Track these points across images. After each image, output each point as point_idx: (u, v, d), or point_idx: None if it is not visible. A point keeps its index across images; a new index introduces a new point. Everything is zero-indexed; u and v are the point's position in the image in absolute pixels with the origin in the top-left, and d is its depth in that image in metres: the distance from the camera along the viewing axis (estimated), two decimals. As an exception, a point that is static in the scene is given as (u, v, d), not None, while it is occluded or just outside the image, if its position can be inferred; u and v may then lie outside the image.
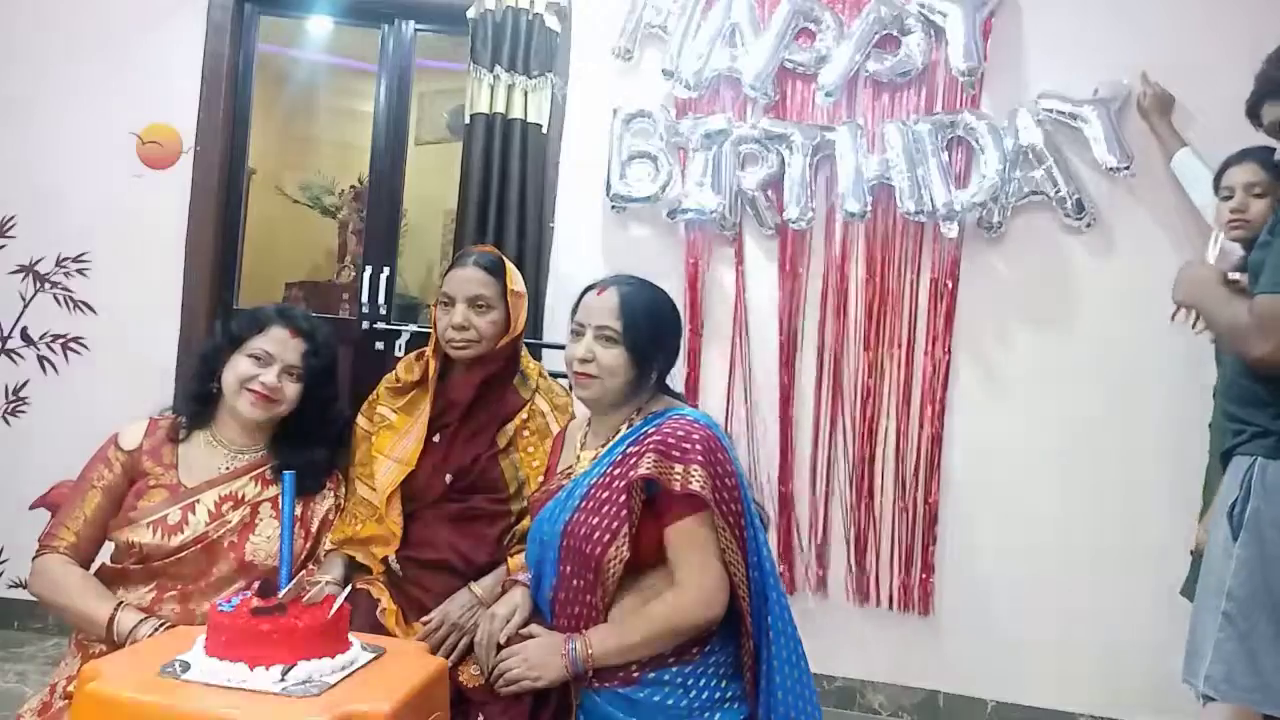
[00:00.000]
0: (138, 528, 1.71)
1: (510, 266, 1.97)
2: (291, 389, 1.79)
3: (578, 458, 1.74)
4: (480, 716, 1.68)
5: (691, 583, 1.56)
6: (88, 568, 1.76)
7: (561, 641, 1.59)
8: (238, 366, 1.78)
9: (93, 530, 1.75)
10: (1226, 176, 2.42)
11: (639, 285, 1.73)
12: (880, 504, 2.94)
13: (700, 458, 1.55)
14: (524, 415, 1.93)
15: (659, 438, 1.59)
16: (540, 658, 1.60)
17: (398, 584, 1.86)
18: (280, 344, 1.79)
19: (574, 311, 1.73)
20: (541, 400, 1.97)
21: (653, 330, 1.67)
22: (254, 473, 1.80)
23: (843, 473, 2.96)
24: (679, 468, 1.55)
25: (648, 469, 1.56)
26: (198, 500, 1.74)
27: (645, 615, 1.57)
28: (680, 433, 1.59)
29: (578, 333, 1.70)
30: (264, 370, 1.77)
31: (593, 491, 1.62)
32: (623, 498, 1.58)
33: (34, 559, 1.74)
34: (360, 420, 1.99)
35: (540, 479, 1.85)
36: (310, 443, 1.84)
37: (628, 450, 1.62)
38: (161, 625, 1.64)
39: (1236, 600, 1.79)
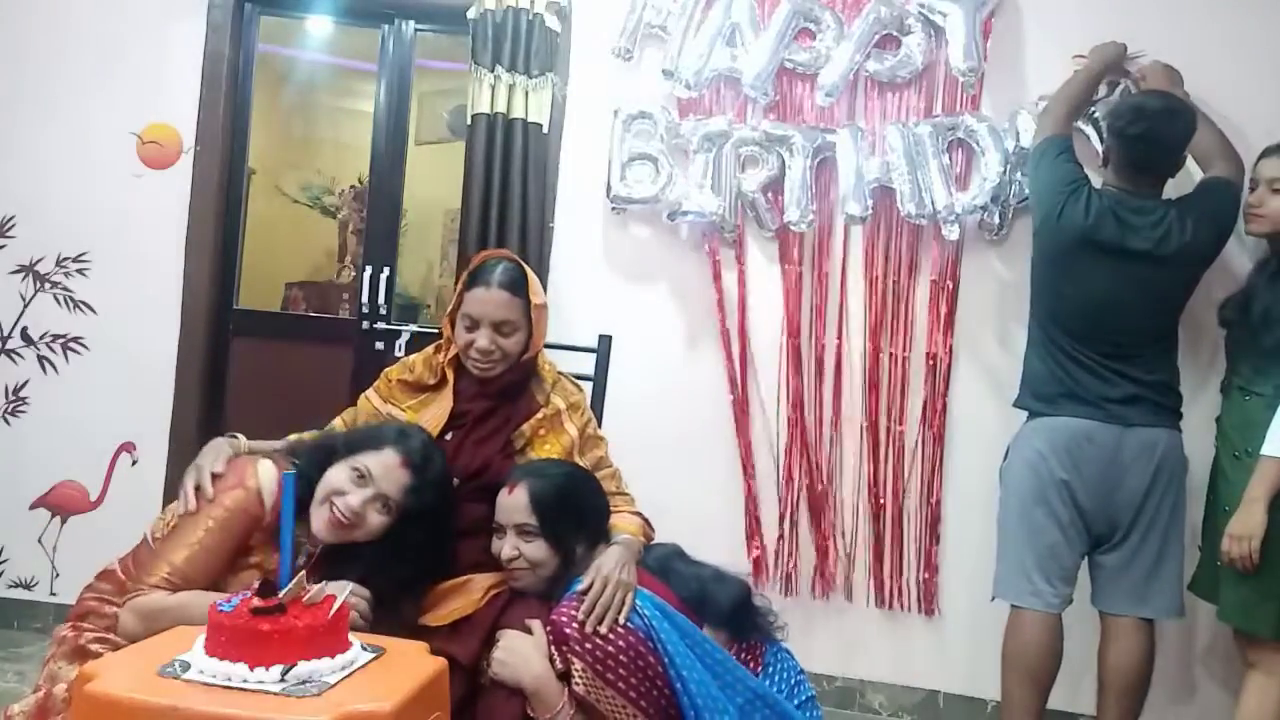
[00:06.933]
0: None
1: (532, 278, 1.93)
2: (375, 520, 1.62)
3: None
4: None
5: None
6: None
7: (561, 688, 1.61)
8: (334, 476, 1.62)
9: (197, 571, 1.56)
10: (1257, 168, 2.39)
11: (547, 473, 1.78)
12: (882, 504, 2.94)
13: (581, 653, 1.58)
14: (540, 415, 1.91)
15: (553, 629, 1.63)
16: (526, 653, 1.63)
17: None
18: (385, 469, 1.63)
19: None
20: (557, 398, 1.95)
21: (566, 514, 1.74)
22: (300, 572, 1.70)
23: (844, 473, 2.96)
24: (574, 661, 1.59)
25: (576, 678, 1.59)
26: None
27: None
28: (564, 618, 1.62)
29: (497, 532, 1.76)
30: (355, 491, 1.61)
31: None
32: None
33: (122, 608, 1.57)
34: (374, 400, 1.95)
35: None
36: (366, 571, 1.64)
37: None
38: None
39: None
